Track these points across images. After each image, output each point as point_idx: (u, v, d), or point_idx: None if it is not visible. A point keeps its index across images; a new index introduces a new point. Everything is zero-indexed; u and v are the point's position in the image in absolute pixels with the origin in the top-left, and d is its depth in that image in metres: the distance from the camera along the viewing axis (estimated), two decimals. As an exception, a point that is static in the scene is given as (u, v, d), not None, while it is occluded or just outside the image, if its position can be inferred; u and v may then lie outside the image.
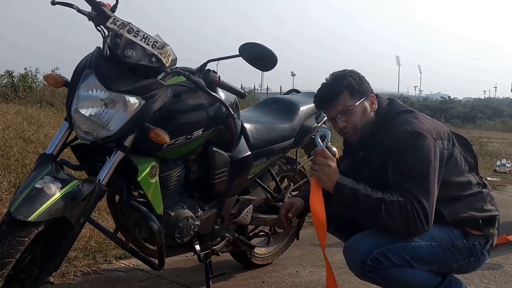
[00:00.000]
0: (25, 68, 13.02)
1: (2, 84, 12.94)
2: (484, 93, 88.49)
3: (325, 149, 1.88)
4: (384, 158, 1.91)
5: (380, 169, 1.92)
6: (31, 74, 12.87)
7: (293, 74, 71.07)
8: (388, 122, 1.96)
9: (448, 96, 38.08)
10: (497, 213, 2.00)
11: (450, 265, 1.96)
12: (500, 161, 7.90)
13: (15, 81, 12.63)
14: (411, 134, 1.85)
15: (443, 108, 31.04)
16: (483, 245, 1.98)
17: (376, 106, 2.01)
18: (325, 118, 2.87)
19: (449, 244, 1.92)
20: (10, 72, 13.07)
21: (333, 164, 1.85)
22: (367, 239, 1.90)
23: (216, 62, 2.07)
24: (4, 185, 3.60)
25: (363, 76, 2.05)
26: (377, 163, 1.95)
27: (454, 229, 1.94)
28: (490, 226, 1.98)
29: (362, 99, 1.98)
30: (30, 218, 1.56)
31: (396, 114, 1.97)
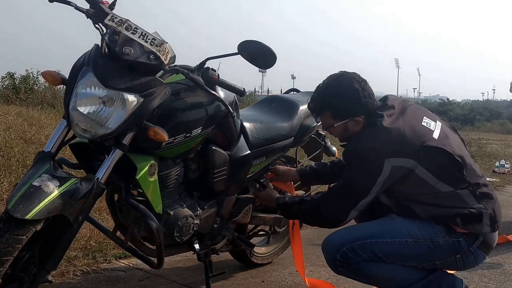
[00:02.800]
0: (27, 70, 13.04)
1: (4, 86, 12.96)
2: (483, 95, 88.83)
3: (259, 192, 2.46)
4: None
5: None
6: (33, 75, 12.87)
7: (293, 77, 71.16)
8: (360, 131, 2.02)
9: (447, 98, 38.28)
10: (485, 210, 1.91)
11: (432, 261, 1.95)
12: (499, 162, 7.99)
13: (17, 83, 12.64)
14: (352, 153, 1.98)
15: (441, 110, 31.16)
16: (471, 242, 1.93)
17: (362, 126, 2.00)
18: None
19: (428, 241, 1.92)
20: (12, 74, 13.09)
21: (266, 193, 2.40)
22: (340, 235, 2.02)
23: (218, 61, 2.07)
24: (4, 185, 3.61)
25: (360, 94, 1.98)
26: None
27: (437, 226, 1.93)
28: (474, 222, 1.91)
29: (343, 121, 2.02)
30: (28, 216, 1.55)
31: (367, 125, 1.99)
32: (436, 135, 1.97)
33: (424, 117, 2.03)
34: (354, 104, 1.99)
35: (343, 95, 2.00)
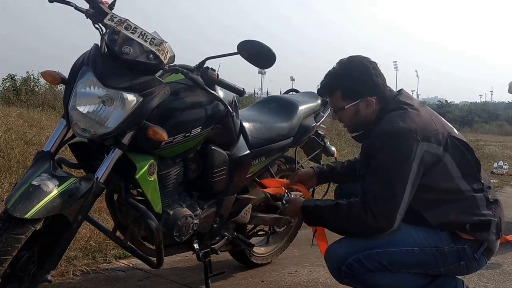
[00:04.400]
0: (27, 72, 13.07)
1: (5, 87, 12.99)
2: (481, 97, 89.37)
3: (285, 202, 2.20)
4: (367, 153, 1.97)
5: (365, 163, 1.97)
6: (33, 77, 12.90)
7: (292, 79, 71.35)
8: (382, 118, 1.95)
9: (445, 100, 38.46)
10: (494, 218, 1.90)
11: (437, 269, 1.93)
12: (497, 163, 8.05)
13: (17, 85, 12.67)
14: (387, 134, 1.86)
15: (440, 112, 31.22)
16: (475, 249, 1.91)
17: (374, 108, 1.97)
18: (324, 117, 2.88)
19: (433, 249, 1.89)
20: (13, 76, 13.13)
21: (293, 203, 2.12)
22: (344, 245, 1.93)
23: (218, 61, 2.07)
24: (5, 186, 3.62)
25: (371, 72, 1.95)
26: (364, 157, 2.01)
27: (442, 232, 1.90)
28: (482, 230, 1.89)
29: (354, 102, 1.97)
30: (27, 215, 1.55)
31: (390, 110, 1.94)
32: (456, 132, 1.99)
33: (441, 117, 2.05)
34: (365, 82, 1.95)
35: (353, 73, 1.95)
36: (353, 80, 1.96)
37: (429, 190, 1.88)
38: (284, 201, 2.21)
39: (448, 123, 2.02)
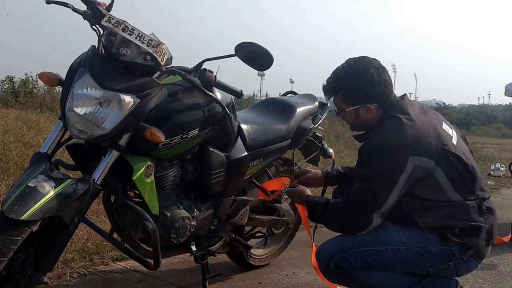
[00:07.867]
0: (26, 74, 13.05)
1: (3, 89, 12.97)
2: (478, 99, 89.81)
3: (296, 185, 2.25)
4: (360, 158, 1.99)
5: (359, 165, 2.00)
6: (32, 79, 12.88)
7: (291, 81, 71.35)
8: (379, 124, 1.96)
9: (443, 103, 38.56)
10: (485, 225, 1.89)
11: (424, 269, 1.94)
12: (494, 165, 8.08)
13: (16, 87, 12.64)
14: (378, 145, 1.87)
15: (439, 114, 31.39)
16: (464, 251, 1.91)
17: (374, 114, 1.96)
18: (321, 119, 2.89)
19: (420, 249, 1.90)
20: (11, 78, 13.11)
21: (299, 189, 2.19)
22: (332, 244, 1.98)
23: (217, 64, 2.07)
24: (2, 188, 3.61)
25: (375, 79, 1.93)
26: (359, 161, 2.02)
27: (431, 234, 1.90)
28: (472, 235, 1.89)
29: (355, 107, 1.98)
30: (23, 217, 1.55)
31: (387, 118, 1.94)
32: (454, 141, 1.96)
33: (443, 122, 2.02)
34: (367, 90, 1.94)
35: (356, 79, 1.95)
36: (355, 87, 1.96)
37: (419, 198, 1.90)
38: (285, 189, 2.28)
39: (448, 131, 1.98)
